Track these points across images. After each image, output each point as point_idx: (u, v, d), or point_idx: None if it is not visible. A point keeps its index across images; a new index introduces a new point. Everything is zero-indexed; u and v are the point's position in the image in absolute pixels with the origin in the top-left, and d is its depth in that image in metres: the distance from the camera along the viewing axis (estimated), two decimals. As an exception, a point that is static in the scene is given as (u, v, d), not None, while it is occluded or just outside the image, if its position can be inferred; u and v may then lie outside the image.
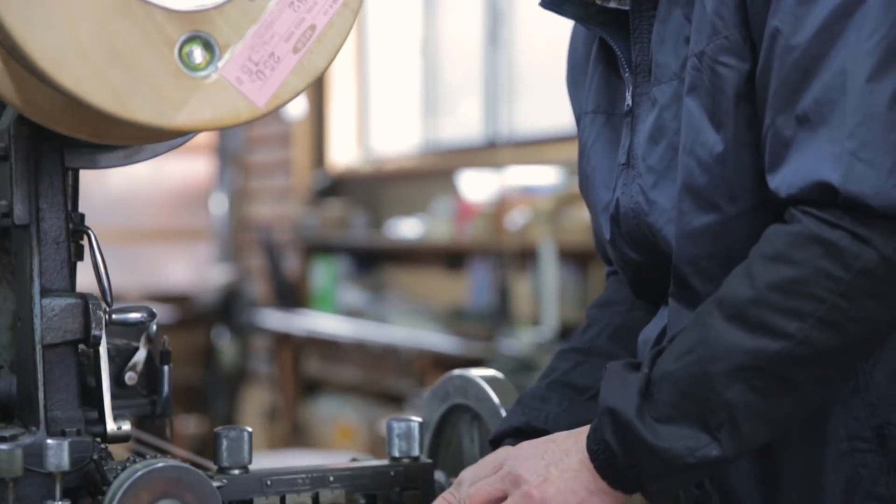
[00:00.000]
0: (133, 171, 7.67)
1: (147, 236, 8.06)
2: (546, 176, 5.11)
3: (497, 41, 5.58)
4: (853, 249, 1.18)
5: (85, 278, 1.35)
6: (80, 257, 1.35)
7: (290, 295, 6.84)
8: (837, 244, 1.19)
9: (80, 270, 1.36)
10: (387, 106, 6.92)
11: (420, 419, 1.48)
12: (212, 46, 1.10)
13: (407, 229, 5.99)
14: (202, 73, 1.10)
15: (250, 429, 1.38)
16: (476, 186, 5.52)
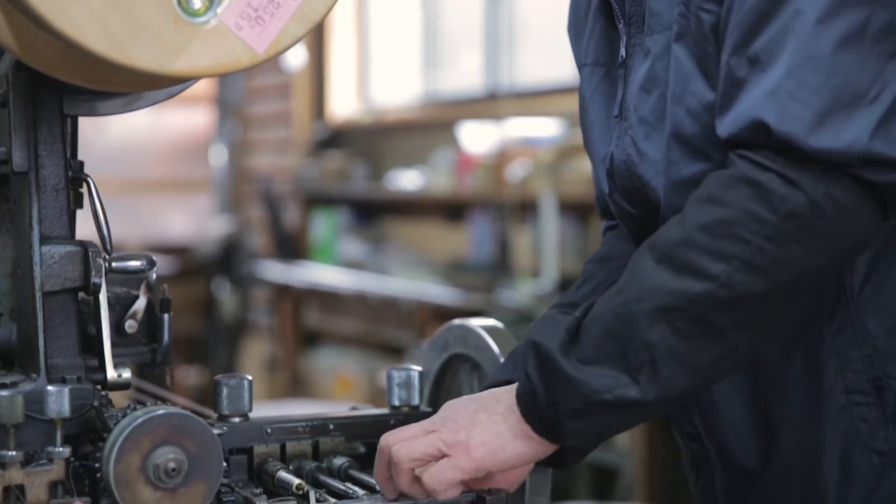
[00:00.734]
0: (132, 122, 7.65)
1: (146, 187, 8.05)
2: (547, 128, 5.10)
3: (498, -8, 5.55)
4: (781, 192, 1.17)
5: (85, 228, 1.35)
6: (80, 205, 1.35)
7: (291, 246, 6.84)
8: (766, 186, 1.17)
9: (80, 221, 1.35)
10: (387, 57, 6.88)
11: (420, 368, 1.48)
12: (211, -8, 1.10)
13: (407, 181, 5.98)
14: (201, 19, 1.10)
15: (250, 377, 1.38)
16: (476, 138, 5.51)
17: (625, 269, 1.25)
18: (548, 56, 5.38)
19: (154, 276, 1.43)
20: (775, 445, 1.35)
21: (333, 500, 1.26)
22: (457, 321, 1.53)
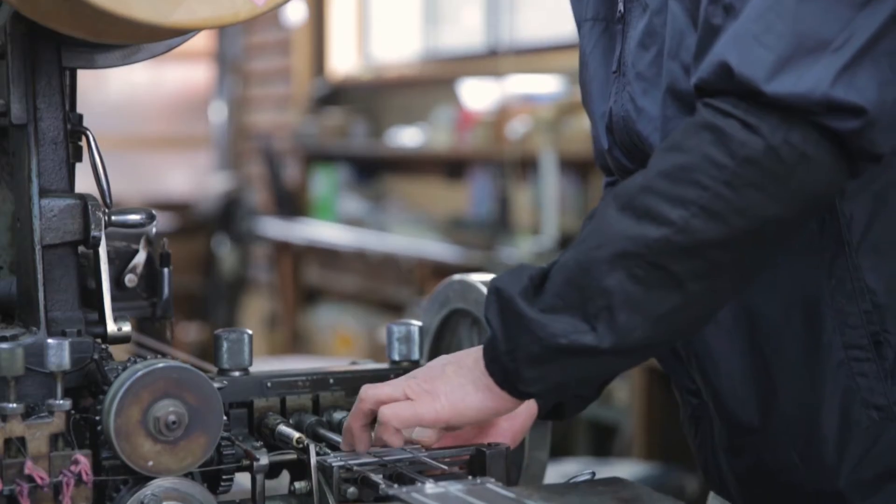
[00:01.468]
0: (132, 78, 7.63)
1: (146, 144, 8.03)
2: (547, 84, 5.08)
3: (499, -53, 5.52)
4: (740, 137, 1.16)
5: (84, 183, 1.35)
6: (79, 158, 1.35)
7: (290, 203, 6.83)
8: (725, 131, 1.16)
9: (79, 176, 1.35)
10: (387, 13, 6.85)
11: (420, 323, 1.48)
12: (210, -57, 1.09)
13: (407, 138, 5.97)
14: (200, -30, 1.09)
15: (250, 331, 1.39)
16: (477, 95, 5.49)
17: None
18: (548, 12, 5.36)
19: (154, 231, 1.43)
20: (774, 401, 1.35)
21: (333, 454, 1.27)
22: (457, 276, 1.53)
